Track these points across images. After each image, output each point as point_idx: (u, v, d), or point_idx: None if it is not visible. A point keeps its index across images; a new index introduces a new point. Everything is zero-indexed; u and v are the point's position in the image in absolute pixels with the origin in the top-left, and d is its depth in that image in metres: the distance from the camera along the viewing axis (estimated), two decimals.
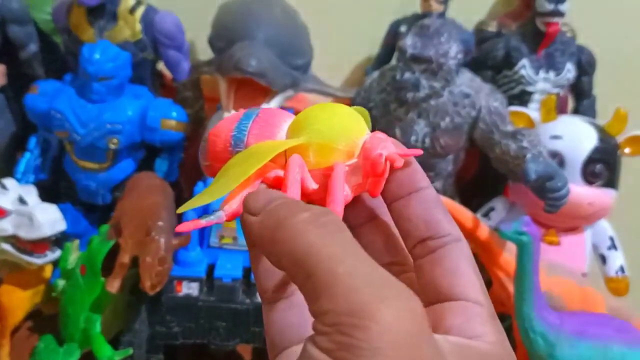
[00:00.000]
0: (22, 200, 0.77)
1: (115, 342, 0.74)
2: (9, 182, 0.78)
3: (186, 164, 0.93)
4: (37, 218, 0.75)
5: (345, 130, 0.25)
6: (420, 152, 0.25)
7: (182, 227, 0.23)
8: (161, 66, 0.96)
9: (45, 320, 0.87)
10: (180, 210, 0.25)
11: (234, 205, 0.24)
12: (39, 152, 0.89)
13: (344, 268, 0.19)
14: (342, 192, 0.23)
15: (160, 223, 0.69)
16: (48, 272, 0.86)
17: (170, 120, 0.85)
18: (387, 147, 0.24)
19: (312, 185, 0.24)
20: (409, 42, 0.80)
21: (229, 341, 0.73)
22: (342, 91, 0.96)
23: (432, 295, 0.23)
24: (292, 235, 0.20)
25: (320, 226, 0.20)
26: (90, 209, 0.91)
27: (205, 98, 0.97)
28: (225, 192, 0.23)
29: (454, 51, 0.80)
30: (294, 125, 0.26)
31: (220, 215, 0.23)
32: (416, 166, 0.25)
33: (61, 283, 0.81)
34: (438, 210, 0.24)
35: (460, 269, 0.23)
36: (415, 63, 0.80)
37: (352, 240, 0.20)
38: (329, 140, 0.24)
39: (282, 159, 0.25)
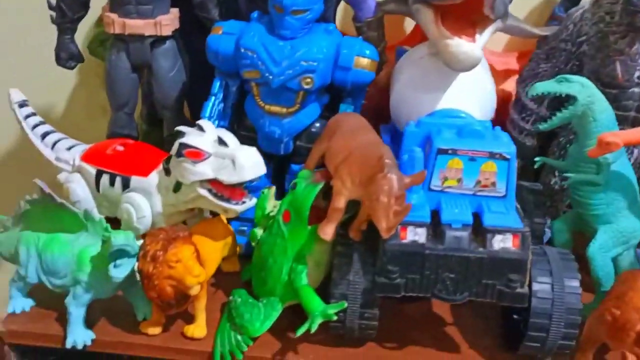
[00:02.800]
0: (221, 142, 0.72)
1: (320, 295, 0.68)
2: (205, 124, 0.73)
3: (364, 109, 0.85)
4: (240, 160, 0.70)
5: None
6: None
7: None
8: None
9: (225, 276, 0.82)
10: None
11: None
12: (222, 97, 0.83)
13: None
14: None
15: (387, 160, 0.62)
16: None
17: (364, 58, 0.78)
18: None
19: None
20: None
21: (456, 295, 0.65)
22: (539, 29, 0.86)
23: None
24: None
25: None
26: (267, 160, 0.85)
27: None
28: None
29: None
30: None
31: None
32: None
33: (259, 232, 0.75)
34: None
35: None
36: None
37: None
38: None
39: None
